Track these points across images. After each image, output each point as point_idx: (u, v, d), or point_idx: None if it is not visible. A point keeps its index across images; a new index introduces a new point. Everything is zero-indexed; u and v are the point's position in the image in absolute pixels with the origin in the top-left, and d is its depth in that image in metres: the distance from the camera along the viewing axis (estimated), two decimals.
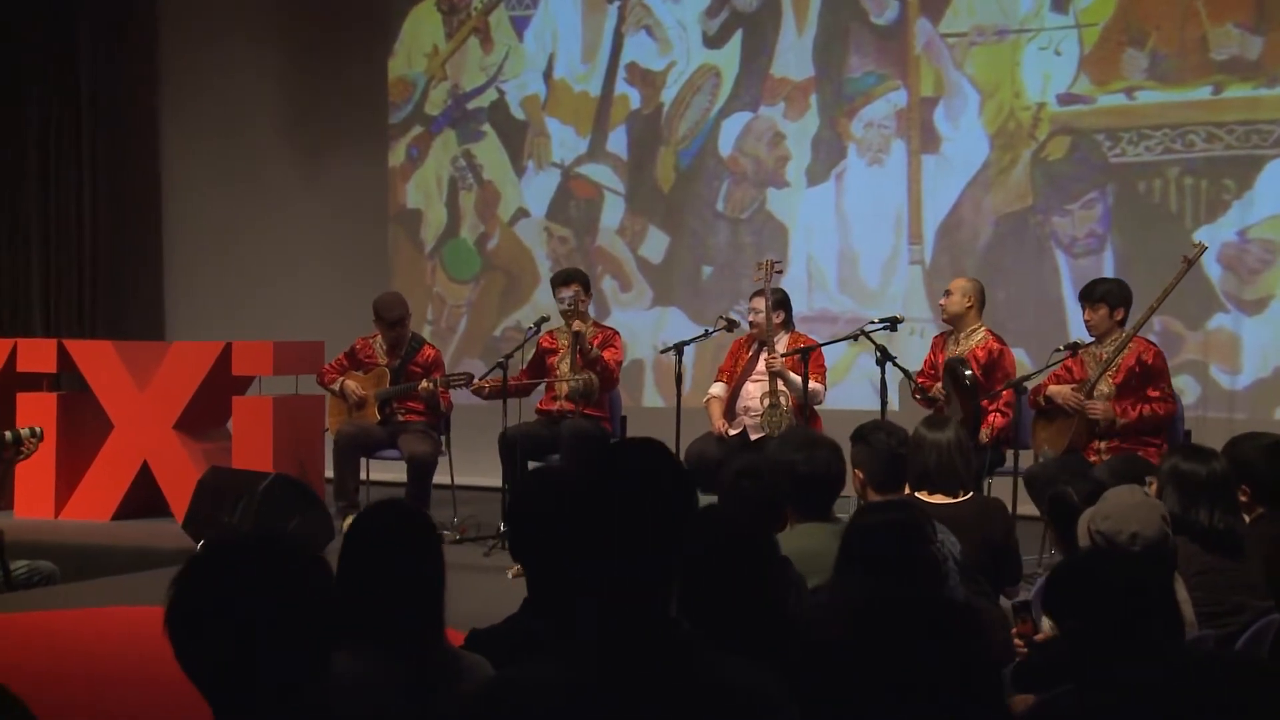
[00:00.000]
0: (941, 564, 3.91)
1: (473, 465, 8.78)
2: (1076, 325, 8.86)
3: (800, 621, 3.17)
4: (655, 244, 10.22)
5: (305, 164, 11.45)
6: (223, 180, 11.70)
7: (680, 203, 10.15)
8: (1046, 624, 4.06)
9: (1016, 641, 3.88)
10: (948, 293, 7.52)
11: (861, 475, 4.51)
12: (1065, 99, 8.94)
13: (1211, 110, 8.61)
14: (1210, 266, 8.49)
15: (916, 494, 4.76)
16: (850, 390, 9.11)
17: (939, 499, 4.79)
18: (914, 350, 8.47)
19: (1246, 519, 4.44)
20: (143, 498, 8.75)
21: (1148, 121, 8.75)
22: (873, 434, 4.53)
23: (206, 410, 8.80)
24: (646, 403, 9.99)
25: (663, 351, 8.05)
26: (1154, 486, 4.28)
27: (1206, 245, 7.01)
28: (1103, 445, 6.85)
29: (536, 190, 10.60)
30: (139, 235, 11.89)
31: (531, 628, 3.01)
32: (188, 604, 1.99)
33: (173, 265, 12.01)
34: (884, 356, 7.02)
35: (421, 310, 10.57)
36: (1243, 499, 4.46)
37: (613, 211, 10.36)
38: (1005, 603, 4.67)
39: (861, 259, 9.56)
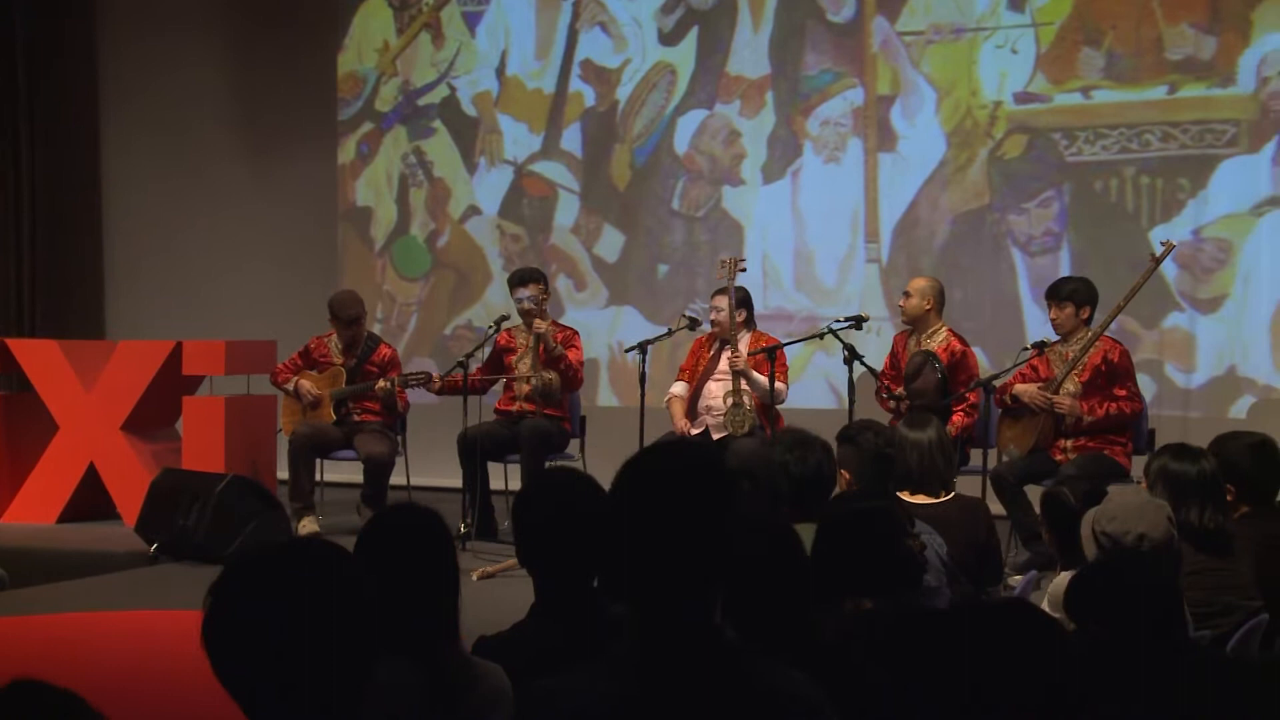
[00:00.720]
0: (917, 555, 3.85)
1: (428, 466, 8.67)
2: (1034, 324, 8.90)
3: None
4: (610, 242, 10.14)
5: (252, 161, 11.28)
6: (165, 177, 11.51)
7: (635, 201, 10.08)
8: None
9: None
10: (906, 294, 7.49)
11: (848, 476, 4.45)
12: (1022, 98, 8.95)
13: (1167, 110, 8.64)
14: (1166, 265, 8.42)
15: (898, 494, 4.71)
16: (806, 389, 9.08)
17: (921, 499, 4.76)
18: (872, 349, 8.41)
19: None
20: (89, 500, 8.56)
21: (1104, 121, 8.77)
22: (860, 434, 4.48)
23: (155, 411, 8.63)
24: (601, 402, 9.90)
25: (627, 350, 7.97)
26: (1143, 486, 4.25)
27: (1175, 244, 7.02)
28: (1069, 444, 6.85)
29: (488, 188, 10.49)
30: (79, 233, 11.66)
31: (542, 635, 2.93)
32: (227, 614, 1.90)
33: (113, 264, 11.79)
34: (852, 355, 6.98)
35: (372, 308, 10.38)
36: (1227, 498, 4.45)
37: (567, 209, 10.27)
38: None
39: (818, 257, 9.53)
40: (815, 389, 9.19)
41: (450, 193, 10.61)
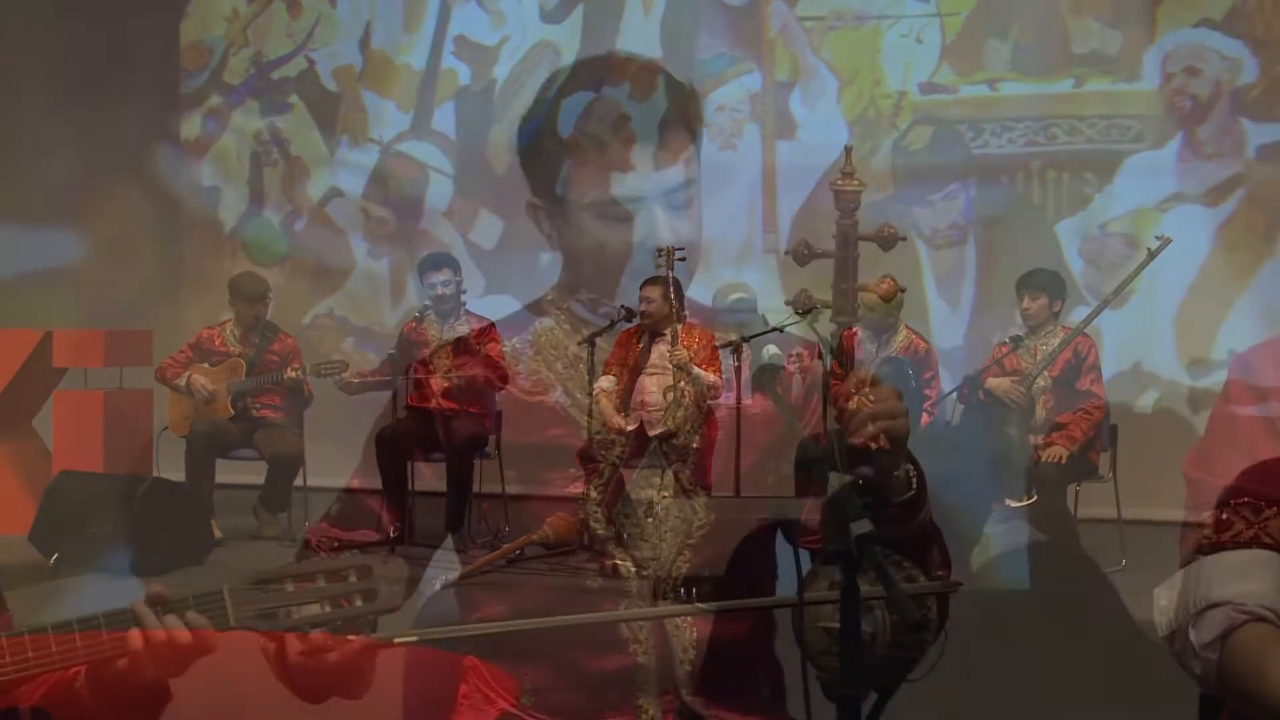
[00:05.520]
0: None
1: (321, 464, 8.06)
2: (939, 318, 8.81)
3: None
4: (487, 228, 9.65)
5: (79, 137, 10.31)
6: None
7: (515, 185, 9.57)
8: None
9: None
10: (868, 308, 7.16)
11: None
12: (927, 88, 8.83)
13: (1073, 104, 8.63)
14: (1072, 260, 8.54)
15: None
16: None
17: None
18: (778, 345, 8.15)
19: None
20: None
21: (1010, 113, 8.71)
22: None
23: (13, 407, 7.79)
24: None
25: (579, 343, 7.53)
26: None
27: (1171, 238, 6.97)
28: (1039, 441, 6.72)
29: (351, 168, 9.88)
30: None
31: None
32: None
33: None
34: (826, 349, 6.67)
35: (221, 297, 9.68)
36: None
37: (439, 193, 9.74)
38: None
39: (713, 248, 9.20)
40: None
41: (309, 173, 9.97)
